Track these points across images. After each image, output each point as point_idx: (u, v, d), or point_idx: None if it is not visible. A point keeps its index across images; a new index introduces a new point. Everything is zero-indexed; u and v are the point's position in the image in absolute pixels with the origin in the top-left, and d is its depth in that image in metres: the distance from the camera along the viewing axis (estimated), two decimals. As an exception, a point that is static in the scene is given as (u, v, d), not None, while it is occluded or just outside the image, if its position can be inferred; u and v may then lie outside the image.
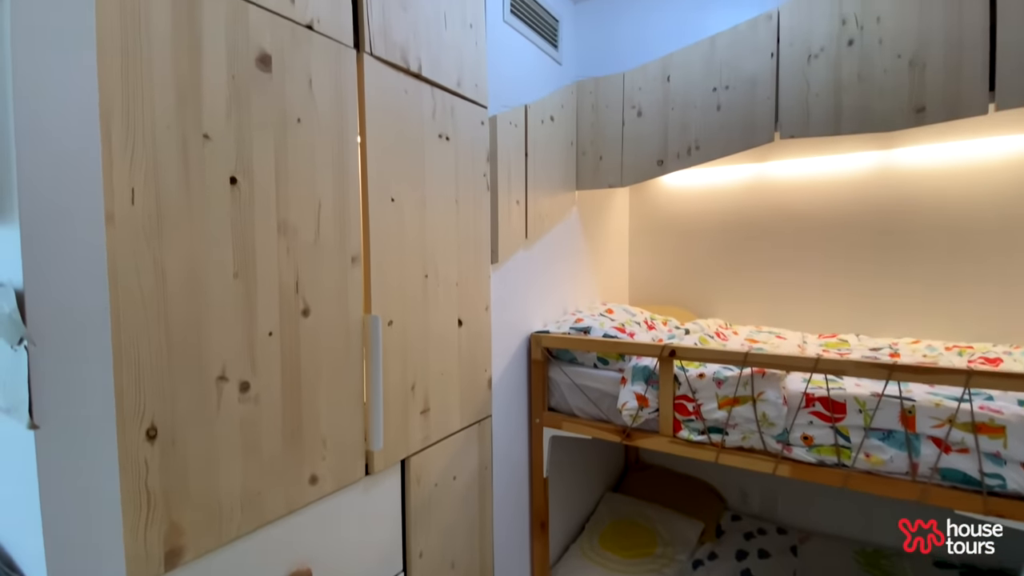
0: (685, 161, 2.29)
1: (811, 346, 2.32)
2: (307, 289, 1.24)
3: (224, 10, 1.06)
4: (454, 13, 1.70)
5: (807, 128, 2.01)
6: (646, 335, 2.31)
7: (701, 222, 2.99)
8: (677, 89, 2.28)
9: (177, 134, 0.99)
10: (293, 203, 1.20)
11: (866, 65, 1.89)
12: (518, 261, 2.14)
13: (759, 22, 2.09)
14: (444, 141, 1.68)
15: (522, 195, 2.13)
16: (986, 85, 1.71)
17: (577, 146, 2.59)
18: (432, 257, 1.64)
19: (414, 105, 1.55)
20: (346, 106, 1.33)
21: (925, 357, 2.04)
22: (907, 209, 2.44)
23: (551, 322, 2.35)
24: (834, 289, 2.63)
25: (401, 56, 1.49)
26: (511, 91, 2.07)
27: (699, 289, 3.02)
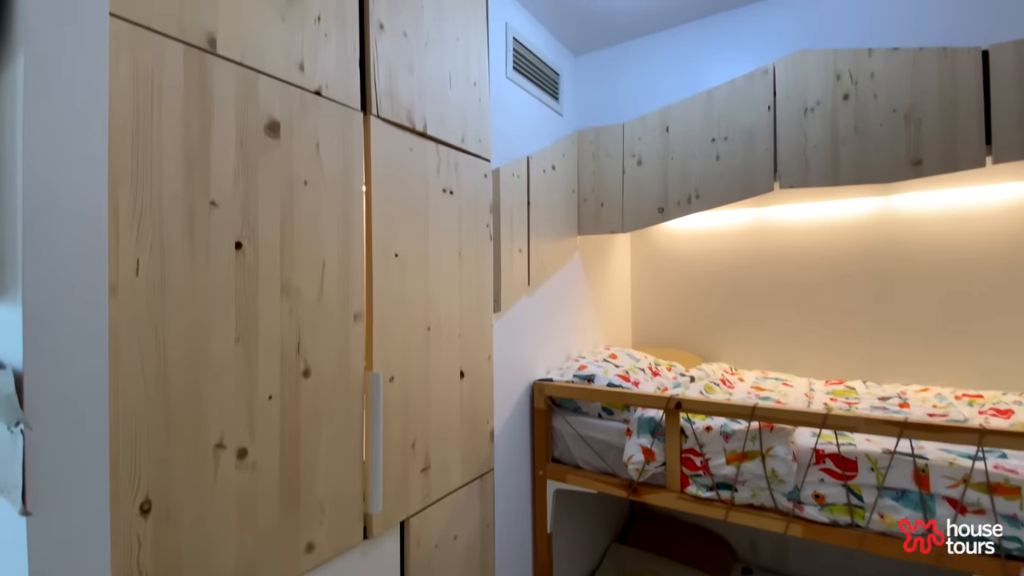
0: (686, 209, 2.31)
1: (818, 394, 2.29)
2: (308, 349, 1.23)
3: (235, 81, 1.09)
4: (459, 73, 1.75)
5: (806, 179, 2.04)
6: (650, 382, 2.28)
7: (703, 264, 2.99)
8: (676, 139, 2.33)
9: (184, 203, 1.00)
10: (297, 264, 1.21)
11: (862, 119, 1.93)
12: (521, 308, 2.13)
13: (755, 76, 2.14)
14: (448, 195, 1.70)
15: (524, 243, 2.15)
16: (982, 139, 1.74)
17: (578, 193, 2.62)
18: (435, 309, 1.63)
19: (419, 162, 1.58)
20: (352, 167, 1.35)
21: (935, 408, 2.00)
22: (910, 254, 2.44)
23: (554, 369, 2.33)
24: (839, 333, 2.60)
25: (407, 116, 1.53)
26: (514, 143, 2.11)
27: (703, 332, 3.00)
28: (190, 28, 1.02)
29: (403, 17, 1.53)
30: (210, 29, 1.05)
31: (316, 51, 1.27)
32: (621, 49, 2.55)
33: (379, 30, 1.44)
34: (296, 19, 1.23)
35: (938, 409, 1.97)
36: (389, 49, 1.47)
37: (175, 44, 1.00)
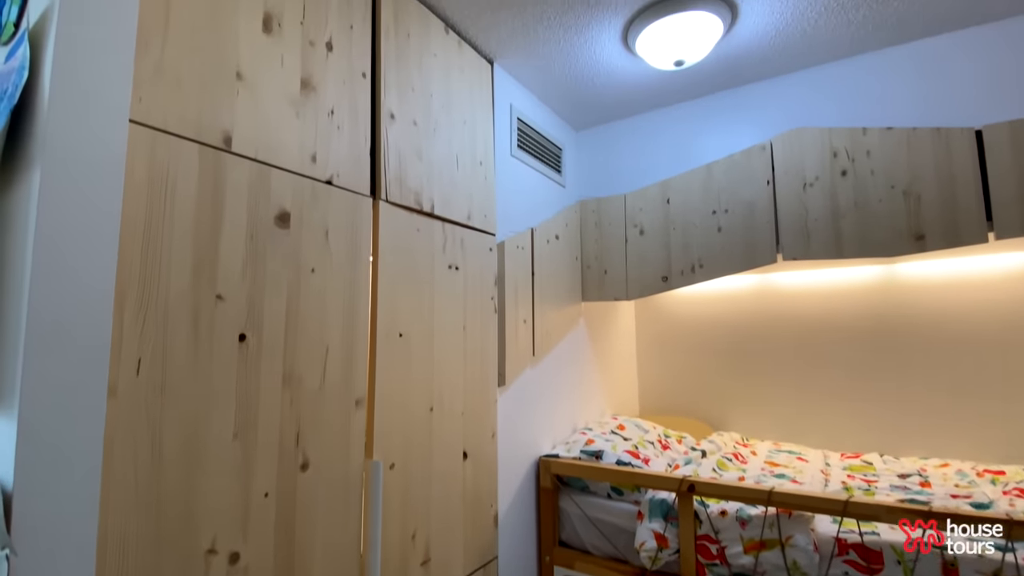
0: (690, 278, 2.32)
1: (835, 470, 2.20)
2: (308, 440, 1.20)
3: (248, 176, 1.12)
4: (465, 154, 1.80)
5: (808, 251, 2.05)
6: (661, 457, 2.21)
7: (709, 328, 2.97)
8: (677, 211, 2.37)
9: (191, 299, 1.00)
10: (301, 352, 1.19)
11: (861, 194, 1.97)
12: (525, 380, 2.09)
13: (753, 152, 2.20)
14: (454, 271, 1.71)
15: (529, 313, 2.14)
16: (983, 215, 1.76)
17: (582, 260, 2.64)
18: (439, 388, 1.60)
19: (426, 241, 1.60)
20: (360, 251, 1.37)
21: (958, 487, 1.91)
22: (917, 321, 2.42)
23: (560, 443, 2.26)
24: (851, 401, 2.54)
25: (415, 199, 1.56)
26: (518, 216, 2.15)
27: (712, 399, 2.93)
28: (207, 129, 1.06)
29: (413, 106, 1.59)
30: (226, 128, 1.09)
31: (329, 142, 1.31)
32: (621, 124, 2.64)
33: (390, 120, 1.49)
34: (310, 114, 1.28)
35: (961, 489, 1.88)
36: (399, 137, 1.52)
37: (191, 145, 1.03)
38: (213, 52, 1.09)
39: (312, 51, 1.30)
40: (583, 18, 1.78)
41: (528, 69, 2.11)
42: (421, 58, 1.64)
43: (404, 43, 1.58)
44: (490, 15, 1.75)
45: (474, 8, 1.71)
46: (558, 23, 1.81)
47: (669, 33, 1.77)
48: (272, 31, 1.21)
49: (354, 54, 1.42)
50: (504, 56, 2.00)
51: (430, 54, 1.68)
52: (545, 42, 1.92)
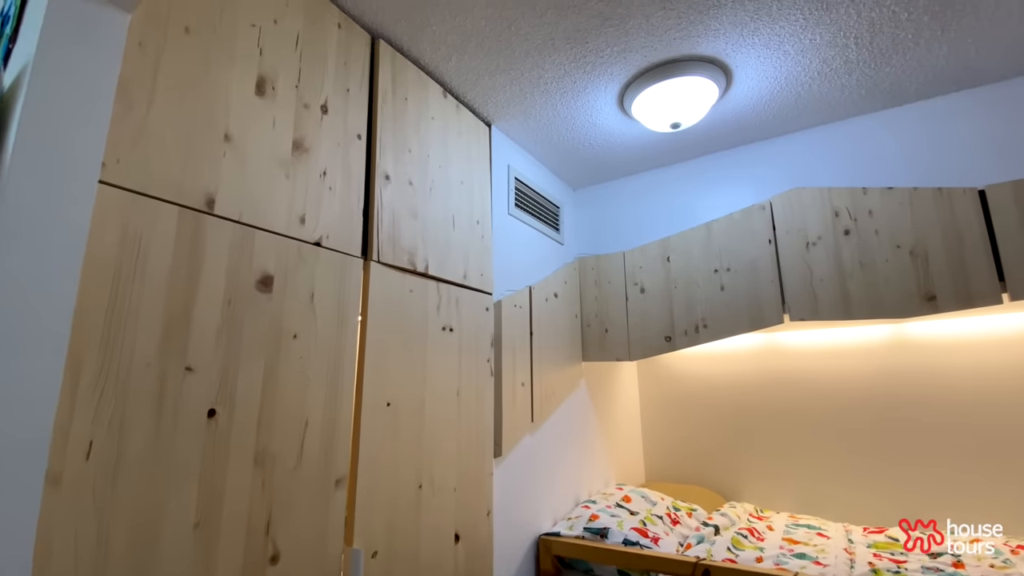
0: (693, 339, 2.24)
1: (859, 547, 2.02)
2: (280, 528, 1.07)
3: (230, 239, 1.07)
4: (462, 214, 1.77)
5: (816, 312, 1.98)
6: (671, 534, 2.03)
7: (715, 390, 2.85)
8: (678, 269, 2.32)
9: (156, 371, 0.92)
10: (277, 427, 1.09)
11: (866, 254, 1.92)
12: (523, 449, 1.96)
13: (752, 211, 2.18)
14: (448, 333, 1.63)
15: (527, 376, 2.04)
16: (995, 276, 1.71)
17: (582, 318, 2.57)
18: (428, 462, 1.48)
19: (419, 302, 1.53)
20: (347, 314, 1.29)
21: (993, 568, 1.74)
22: (932, 383, 2.30)
23: (561, 519, 2.09)
24: (870, 469, 2.38)
25: (408, 259, 1.50)
26: (516, 274, 2.09)
27: (722, 466, 2.76)
28: (189, 191, 1.01)
29: (409, 167, 1.57)
30: (210, 191, 1.05)
31: (319, 204, 1.27)
32: (618, 183, 2.64)
33: (384, 180, 1.47)
34: (301, 175, 1.24)
35: (998, 571, 1.72)
36: (394, 197, 1.49)
37: (170, 207, 0.98)
38: (201, 114, 1.06)
39: (306, 113, 1.28)
40: (579, 83, 1.80)
41: (526, 131, 2.12)
42: (419, 121, 1.64)
43: (402, 106, 1.58)
44: (488, 79, 1.77)
45: (472, 74, 1.73)
46: (555, 88, 1.83)
47: (665, 97, 1.79)
48: (265, 94, 1.20)
49: (350, 117, 1.41)
50: (502, 119, 2.02)
51: (428, 117, 1.68)
52: (542, 106, 1.94)
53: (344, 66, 1.41)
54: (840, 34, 1.57)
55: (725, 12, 1.47)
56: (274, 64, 1.22)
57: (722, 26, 1.53)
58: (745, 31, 1.55)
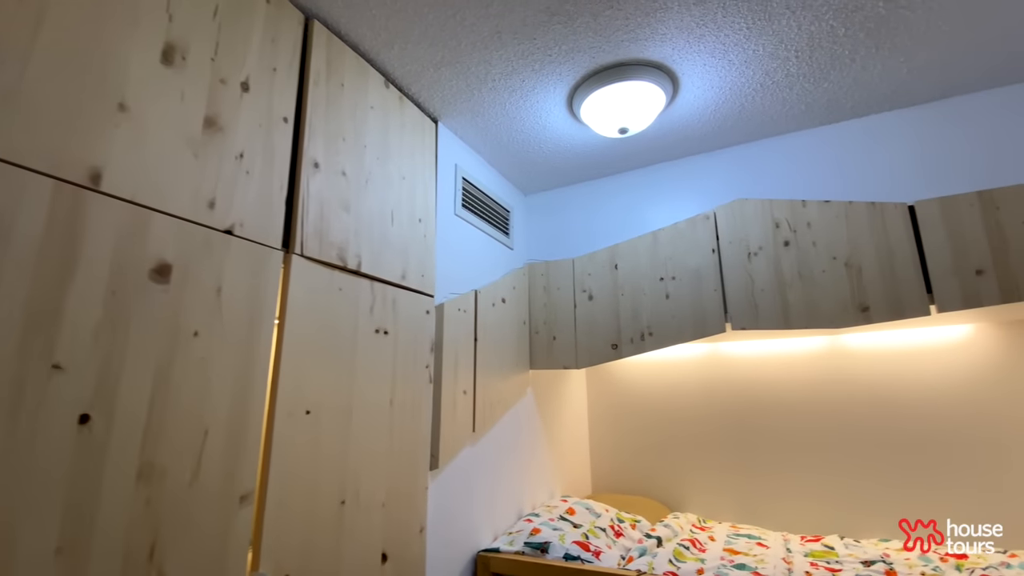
0: (639, 346, 2.22)
1: (796, 556, 2.03)
2: (168, 553, 0.93)
3: (118, 220, 0.94)
4: (402, 210, 1.68)
5: (757, 321, 2.00)
6: (614, 547, 1.98)
7: (662, 400, 2.84)
8: (625, 277, 2.30)
9: (13, 369, 0.78)
10: (168, 437, 0.96)
11: (805, 265, 1.96)
12: (463, 461, 1.87)
13: (697, 221, 2.20)
14: (382, 336, 1.52)
15: (470, 383, 1.95)
16: (923, 288, 1.77)
17: (530, 325, 2.51)
18: (354, 476, 1.36)
19: (349, 302, 1.42)
20: (261, 311, 1.17)
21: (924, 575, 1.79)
22: (865, 392, 2.38)
23: (502, 533, 2.00)
24: (807, 478, 2.43)
25: (338, 255, 1.39)
26: (461, 277, 2.01)
27: (667, 476, 2.75)
28: (69, 163, 0.88)
29: (343, 157, 1.47)
30: (96, 165, 0.92)
31: (233, 188, 1.15)
32: (570, 190, 2.62)
33: (313, 168, 1.36)
34: (213, 156, 1.12)
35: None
36: (323, 187, 1.38)
37: (42, 179, 0.84)
38: (92, 79, 0.93)
39: (223, 89, 1.17)
40: (528, 82, 1.76)
41: (474, 130, 2.06)
42: (356, 109, 1.54)
43: (337, 92, 1.48)
44: (433, 72, 1.69)
45: (416, 64, 1.65)
46: (503, 86, 1.77)
47: (613, 102, 1.77)
48: (174, 63, 1.08)
49: (276, 98, 1.30)
50: (449, 115, 1.95)
51: (366, 106, 1.59)
52: (491, 104, 1.88)
53: (272, 43, 1.30)
54: (782, 46, 1.59)
55: (672, 16, 1.46)
56: (186, 32, 1.10)
57: (669, 31, 1.52)
58: (691, 37, 1.55)
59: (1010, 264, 1.65)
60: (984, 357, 2.20)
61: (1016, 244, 1.66)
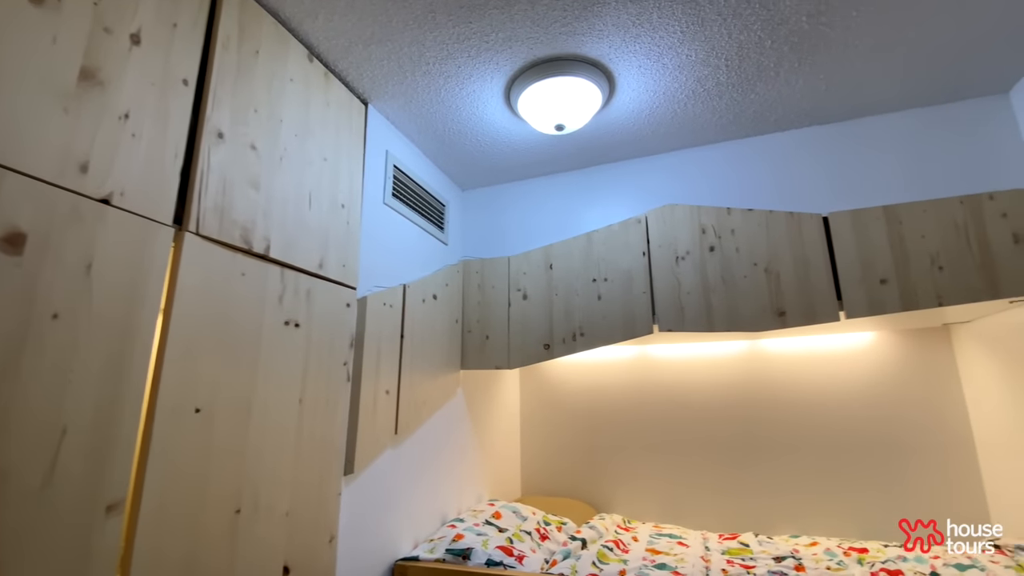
0: (571, 347, 2.20)
1: (714, 554, 2.08)
2: (8, 571, 0.78)
3: (-48, 176, 0.78)
4: (322, 194, 1.56)
5: (683, 323, 2.04)
6: (539, 551, 1.94)
7: (592, 401, 2.86)
8: (560, 277, 2.29)
9: None
10: (13, 435, 0.81)
11: (728, 270, 2.02)
12: (383, 465, 1.76)
13: (630, 224, 2.22)
14: (292, 329, 1.40)
15: (394, 383, 1.85)
16: (834, 295, 1.86)
17: (463, 324, 2.44)
18: (253, 482, 1.23)
19: (254, 289, 1.29)
20: (144, 294, 1.03)
21: (830, 570, 1.88)
22: (782, 397, 2.50)
23: (423, 540, 1.91)
24: (726, 478, 2.51)
25: (242, 236, 1.26)
26: (389, 270, 1.91)
27: (595, 478, 2.76)
28: None
29: (254, 129, 1.34)
30: (-79, 105, 0.76)
31: (114, 152, 1.01)
32: (508, 188, 2.58)
33: (216, 139, 1.22)
34: (89, 113, 0.97)
35: (833, 572, 1.84)
36: (228, 160, 1.25)
37: None
38: (-79, 2, 0.77)
39: (107, 39, 1.02)
40: (465, 69, 1.70)
41: (408, 116, 1.97)
42: (272, 80, 1.42)
43: (250, 59, 1.35)
44: (362, 49, 1.59)
45: (343, 39, 1.55)
46: (438, 71, 1.70)
47: (550, 96, 1.74)
48: (44, 3, 0.92)
49: (174, 57, 1.16)
50: (381, 98, 1.85)
51: (285, 78, 1.46)
52: (425, 89, 1.80)
53: (171, -4, 1.16)
54: (713, 54, 1.63)
55: (609, 11, 1.45)
56: (59, -33, 0.95)
57: (606, 27, 1.51)
58: (628, 36, 1.55)
59: (911, 275, 1.78)
60: (884, 363, 2.37)
61: (916, 256, 1.79)
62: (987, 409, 2.11)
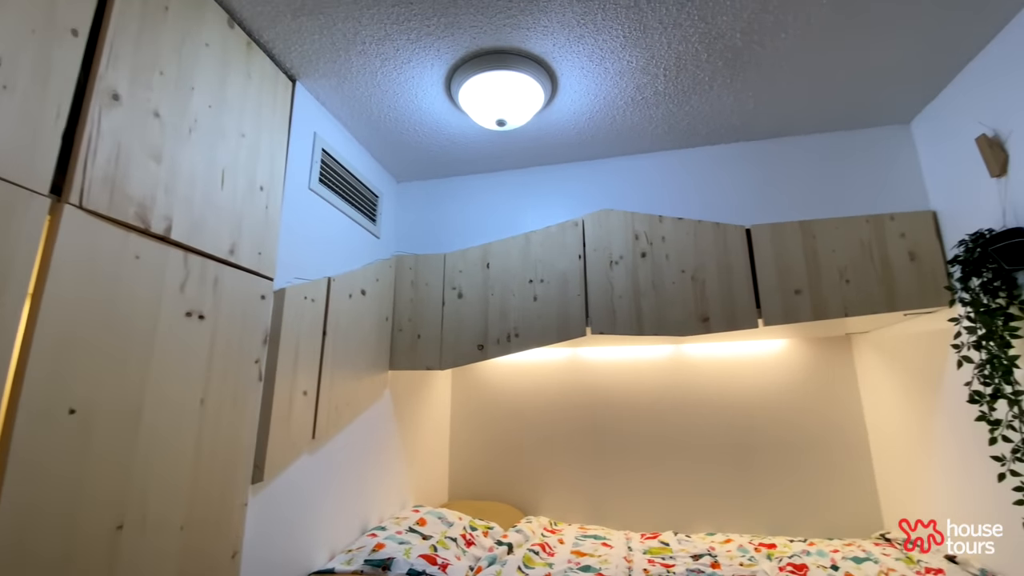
0: (505, 347, 2.17)
1: (636, 554, 2.12)
2: None
3: None
4: (238, 173, 1.42)
5: (614, 327, 2.06)
6: (463, 558, 1.88)
7: (524, 404, 2.84)
8: (496, 276, 2.25)
9: None
10: None
11: (658, 276, 2.07)
12: (298, 472, 1.63)
13: (567, 227, 2.23)
14: (196, 321, 1.25)
15: (313, 383, 1.72)
16: (753, 303, 1.96)
17: (393, 322, 2.33)
18: (141, 494, 1.08)
19: (150, 274, 1.14)
20: (8, 274, 0.87)
21: (742, 566, 1.96)
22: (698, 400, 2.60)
23: (341, 551, 1.79)
24: (649, 479, 2.58)
25: (138, 213, 1.11)
26: (313, 262, 1.78)
27: (524, 481, 2.74)
28: None
29: (158, 94, 1.18)
30: None
31: (-30, 102, 0.84)
32: (446, 183, 2.51)
33: (110, 100, 1.07)
34: (-64, 51, 0.80)
35: (746, 568, 1.93)
36: (124, 126, 1.09)
37: None
38: None
39: (-34, -33, 0.85)
40: (403, 52, 1.61)
41: (340, 98, 1.85)
42: (183, 42, 1.27)
43: (157, 16, 1.20)
44: (291, 20, 1.47)
45: (269, 7, 1.42)
46: (375, 52, 1.61)
47: (492, 90, 1.70)
48: None
49: (61, 2, 1.00)
50: (311, 76, 1.72)
51: (199, 42, 1.31)
52: (360, 71, 1.70)
53: (58, -70, 1.00)
54: (652, 62, 1.66)
55: (555, 7, 1.43)
56: None
57: (551, 24, 1.49)
58: (572, 36, 1.54)
59: (822, 287, 1.90)
60: (794, 370, 2.54)
61: (827, 270, 1.92)
62: (881, 413, 2.31)
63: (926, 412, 1.96)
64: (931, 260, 1.83)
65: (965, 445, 1.73)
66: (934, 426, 1.92)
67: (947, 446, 1.85)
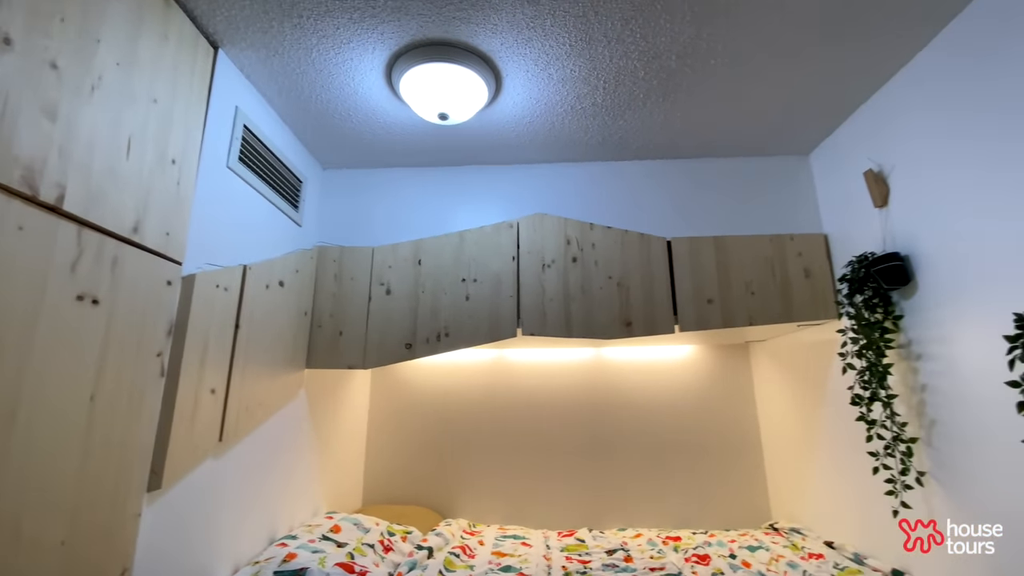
0: (435, 347, 2.12)
1: (555, 552, 2.17)
2: None
3: None
4: (147, 142, 1.26)
5: (544, 328, 2.10)
6: (382, 565, 1.80)
7: (445, 405, 2.80)
8: (428, 274, 2.20)
9: None
10: None
11: (587, 280, 2.14)
12: (201, 478, 1.47)
13: (502, 228, 2.23)
14: (88, 306, 1.09)
15: (222, 381, 1.57)
16: (671, 310, 2.09)
17: (312, 317, 2.19)
18: (14, 506, 0.91)
19: (34, 250, 0.97)
20: None
21: (652, 559, 2.08)
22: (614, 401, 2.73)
23: (247, 563, 1.64)
24: (566, 479, 2.65)
25: (24, 177, 0.95)
26: (227, 247, 1.63)
27: (443, 482, 2.70)
28: None
29: (57, 43, 1.02)
30: None
31: None
32: (377, 173, 2.41)
33: (1, 44, 0.90)
34: None
35: (655, 560, 2.04)
36: (13, 75, 0.93)
37: None
38: None
39: None
40: (344, 32, 1.53)
41: (268, 73, 1.71)
42: (88, -14, 1.10)
43: (57, -49, 1.03)
44: (219, -20, 1.34)
45: (195, -39, 1.28)
46: (312, 27, 1.51)
47: (435, 82, 1.67)
48: None
49: (-70, -87, 0.83)
50: (236, 45, 1.58)
51: (108, -11, 1.15)
52: (293, 45, 1.58)
53: None
54: (594, 73, 1.72)
55: (506, 6, 1.43)
56: None
57: (501, 22, 1.49)
58: (520, 37, 1.55)
59: (731, 298, 2.07)
60: (699, 375, 2.74)
61: (735, 282, 2.10)
62: (773, 415, 2.56)
63: (812, 414, 2.21)
64: (822, 278, 2.07)
65: (845, 443, 1.97)
66: (819, 426, 2.16)
67: (830, 444, 2.09)
